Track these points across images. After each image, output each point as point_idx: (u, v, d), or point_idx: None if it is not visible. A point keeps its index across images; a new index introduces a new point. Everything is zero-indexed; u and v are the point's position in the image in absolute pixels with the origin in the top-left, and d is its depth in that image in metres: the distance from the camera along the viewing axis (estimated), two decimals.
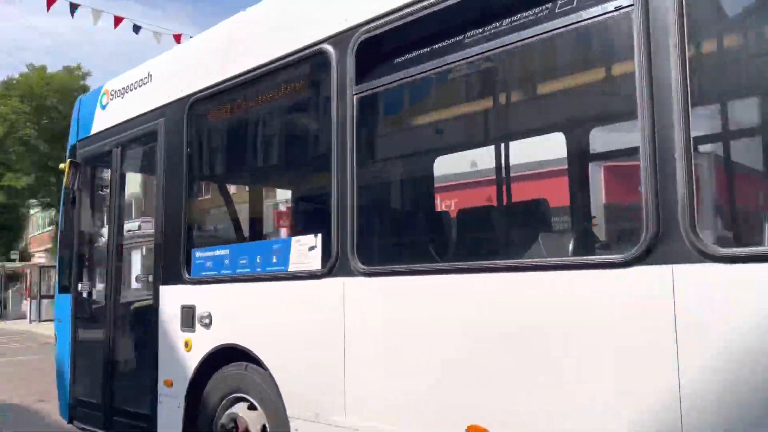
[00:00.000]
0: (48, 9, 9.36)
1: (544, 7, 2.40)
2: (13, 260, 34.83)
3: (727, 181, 2.80)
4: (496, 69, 3.26)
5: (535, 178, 4.32)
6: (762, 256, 1.86)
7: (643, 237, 2.04)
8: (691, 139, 1.99)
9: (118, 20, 10.15)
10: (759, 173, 2.19)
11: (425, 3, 2.70)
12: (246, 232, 4.33)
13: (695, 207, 1.96)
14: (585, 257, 2.62)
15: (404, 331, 2.77)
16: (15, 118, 28.39)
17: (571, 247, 2.80)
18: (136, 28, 10.46)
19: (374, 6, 2.94)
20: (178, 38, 10.57)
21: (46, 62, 34.78)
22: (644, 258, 2.02)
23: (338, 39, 3.11)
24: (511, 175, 3.86)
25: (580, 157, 3.82)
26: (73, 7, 9.56)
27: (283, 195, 3.99)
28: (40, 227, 42.77)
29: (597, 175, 3.99)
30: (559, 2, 2.37)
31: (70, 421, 4.88)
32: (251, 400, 3.46)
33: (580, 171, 3.85)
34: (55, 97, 28.89)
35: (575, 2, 2.33)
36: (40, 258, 37.76)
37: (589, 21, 2.28)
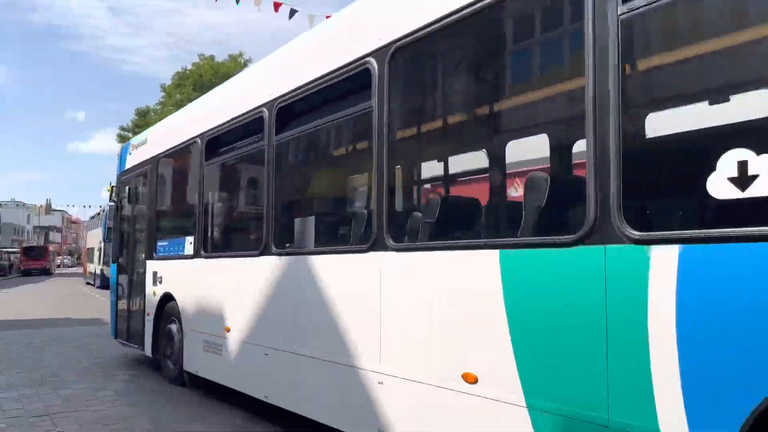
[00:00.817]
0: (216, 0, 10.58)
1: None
2: None
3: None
4: None
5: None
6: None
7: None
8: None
9: (276, 5, 10.87)
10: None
11: None
12: (176, 232, 7.11)
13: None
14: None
15: (210, 279, 5.95)
16: None
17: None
18: (292, 13, 10.97)
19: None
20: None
21: (212, 53, 39.41)
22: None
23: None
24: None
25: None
26: None
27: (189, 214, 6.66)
28: None
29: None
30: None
31: (115, 338, 8.71)
32: (176, 320, 6.69)
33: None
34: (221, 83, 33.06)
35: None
36: None
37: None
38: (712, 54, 2.81)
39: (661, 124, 3.18)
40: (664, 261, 2.32)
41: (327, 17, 11.82)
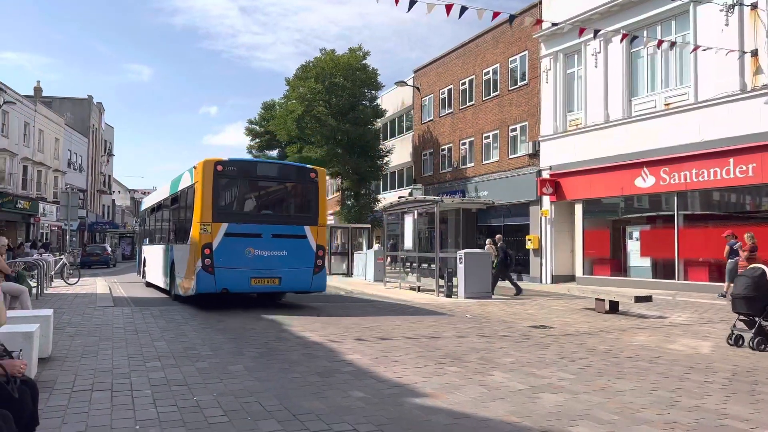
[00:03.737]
0: None
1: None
2: None
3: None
4: None
5: None
6: None
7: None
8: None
9: None
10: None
11: None
12: (146, 236, 20.79)
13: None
14: None
15: (150, 252, 19.32)
16: (311, 98, 32.99)
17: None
18: (411, 3, 11.10)
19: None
20: (449, 9, 11.28)
21: (335, 47, 39.89)
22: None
23: None
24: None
25: None
26: None
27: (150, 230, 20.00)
28: (329, 193, 50.24)
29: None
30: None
31: (137, 274, 22.65)
32: (145, 265, 20.32)
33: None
34: (341, 76, 32.98)
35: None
36: (329, 220, 44.77)
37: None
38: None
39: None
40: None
41: (446, 7, 11.96)
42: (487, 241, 20.31)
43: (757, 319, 8.35)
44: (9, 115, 36.05)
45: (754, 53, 16.25)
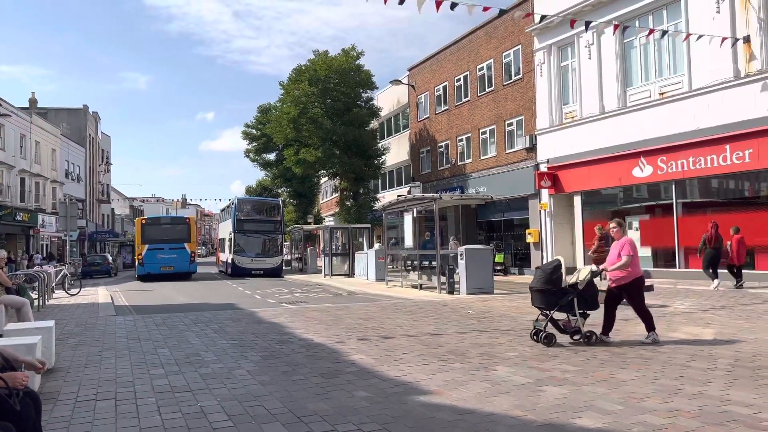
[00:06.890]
0: None
1: None
2: (309, 223, 43.37)
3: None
4: None
5: None
6: None
7: None
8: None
9: None
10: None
11: None
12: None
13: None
14: None
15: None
16: (306, 100, 33.03)
17: None
18: (401, 0, 11.29)
19: None
20: (439, 5, 11.39)
21: (331, 48, 39.51)
22: None
23: None
24: None
25: None
26: None
27: None
28: (328, 194, 49.00)
29: None
30: None
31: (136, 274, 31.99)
32: None
33: None
34: (335, 78, 32.97)
35: None
36: (329, 221, 43.71)
37: None
38: None
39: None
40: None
41: (437, 3, 11.96)
42: (452, 239, 20.74)
43: (548, 312, 8.08)
44: (4, 127, 36.04)
45: (747, 39, 16.25)
